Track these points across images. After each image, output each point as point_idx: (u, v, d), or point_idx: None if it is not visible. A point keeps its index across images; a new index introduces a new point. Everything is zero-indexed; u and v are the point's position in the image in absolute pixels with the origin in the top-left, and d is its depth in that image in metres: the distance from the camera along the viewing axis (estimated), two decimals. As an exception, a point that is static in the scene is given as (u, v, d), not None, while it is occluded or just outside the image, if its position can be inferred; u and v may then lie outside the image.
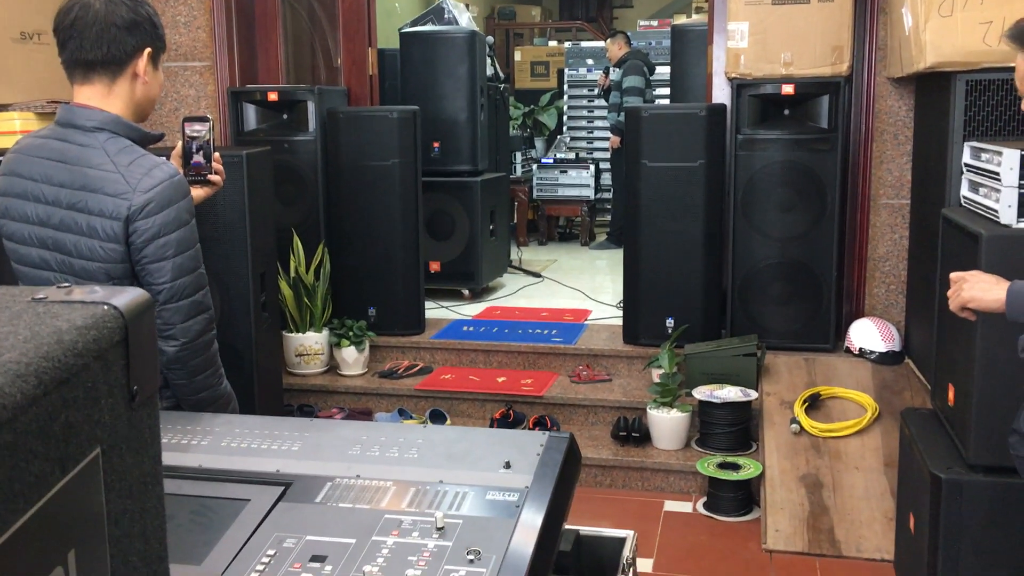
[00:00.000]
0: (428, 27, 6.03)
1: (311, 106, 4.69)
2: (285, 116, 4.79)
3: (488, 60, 6.02)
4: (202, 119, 2.19)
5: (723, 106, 4.34)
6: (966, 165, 2.81)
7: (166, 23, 4.80)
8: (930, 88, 3.84)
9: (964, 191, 2.82)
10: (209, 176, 2.15)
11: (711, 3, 4.54)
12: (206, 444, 1.59)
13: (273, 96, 4.69)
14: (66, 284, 0.74)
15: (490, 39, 6.38)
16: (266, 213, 3.70)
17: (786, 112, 4.24)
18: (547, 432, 1.61)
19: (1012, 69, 2.01)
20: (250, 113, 4.76)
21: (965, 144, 2.83)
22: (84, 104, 1.86)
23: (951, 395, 2.72)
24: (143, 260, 1.82)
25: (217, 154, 2.18)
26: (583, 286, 6.00)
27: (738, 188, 4.23)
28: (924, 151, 4.00)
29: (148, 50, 1.90)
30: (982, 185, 2.65)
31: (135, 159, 1.82)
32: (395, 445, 1.56)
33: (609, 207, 8.29)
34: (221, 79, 4.80)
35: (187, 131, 2.16)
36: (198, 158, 2.17)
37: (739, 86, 4.18)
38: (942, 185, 3.53)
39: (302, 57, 5.61)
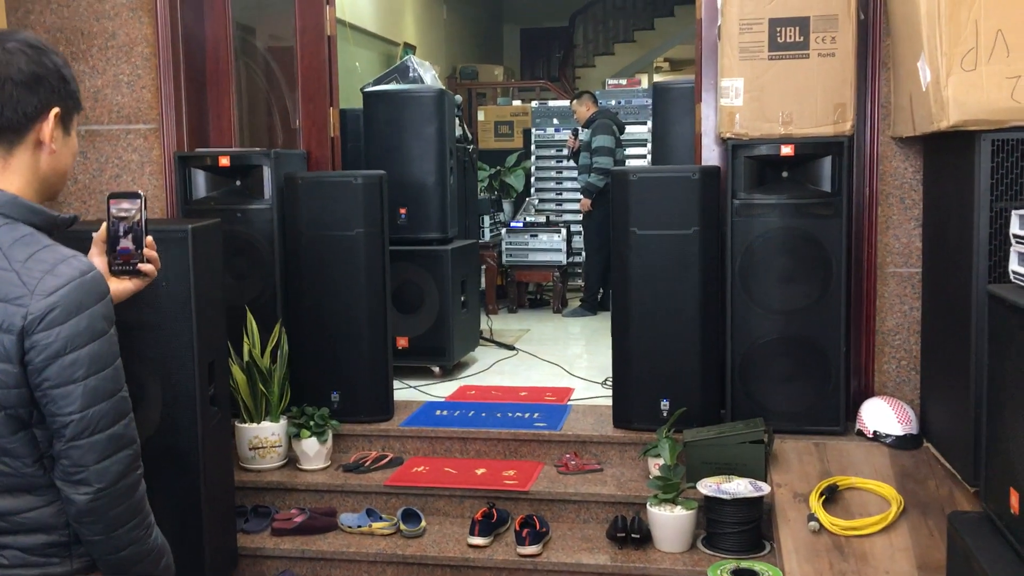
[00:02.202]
0: (393, 86, 5.69)
1: (267, 171, 4.28)
2: (238, 182, 4.38)
3: (456, 120, 5.68)
4: (132, 195, 1.80)
5: (717, 169, 4.01)
6: (1015, 236, 2.48)
7: (107, 82, 4.39)
8: (945, 148, 3.54)
9: (1014, 265, 2.48)
10: (140, 265, 1.76)
11: (699, 58, 4.24)
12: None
13: (225, 161, 4.29)
14: None
15: (458, 98, 6.05)
16: (215, 294, 3.27)
17: (785, 174, 3.92)
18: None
19: None
20: (199, 179, 4.34)
21: (1014, 213, 2.50)
22: (-29, 181, 1.45)
23: (1014, 502, 2.35)
24: (44, 384, 1.39)
25: (150, 238, 1.78)
26: (559, 358, 5.62)
27: (735, 257, 3.89)
28: (938, 217, 3.69)
29: (56, 111, 1.50)
30: (1040, 259, 2.31)
31: (35, 252, 1.41)
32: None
33: (580, 271, 7.96)
34: (168, 143, 4.39)
35: (113, 210, 1.78)
36: (126, 243, 1.77)
37: (734, 147, 3.85)
38: (967, 255, 3.20)
39: (257, 118, 5.23)
